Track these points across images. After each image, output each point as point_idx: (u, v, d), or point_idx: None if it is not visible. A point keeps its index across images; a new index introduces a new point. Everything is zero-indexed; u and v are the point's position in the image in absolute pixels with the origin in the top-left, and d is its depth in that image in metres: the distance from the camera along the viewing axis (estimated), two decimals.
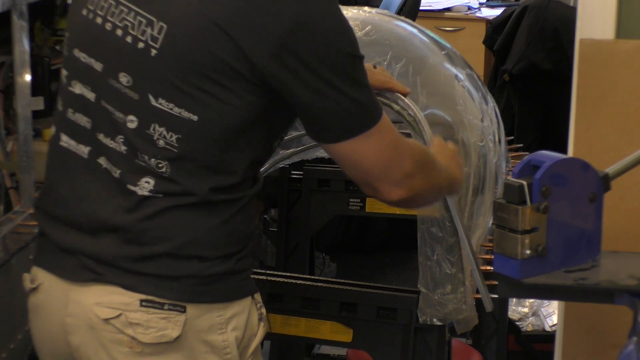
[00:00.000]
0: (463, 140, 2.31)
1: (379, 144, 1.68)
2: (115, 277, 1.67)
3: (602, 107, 1.98)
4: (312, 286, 2.39)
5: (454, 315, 2.25)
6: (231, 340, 1.70)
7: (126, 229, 1.67)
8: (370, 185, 1.73)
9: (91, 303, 1.68)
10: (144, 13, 1.65)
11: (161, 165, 1.65)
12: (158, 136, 1.64)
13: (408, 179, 1.72)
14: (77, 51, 1.73)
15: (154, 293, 1.66)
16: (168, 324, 1.66)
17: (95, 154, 1.70)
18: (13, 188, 2.51)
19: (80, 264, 1.70)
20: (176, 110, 1.63)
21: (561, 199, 1.55)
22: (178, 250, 1.66)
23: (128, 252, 1.66)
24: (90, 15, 1.71)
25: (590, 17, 2.00)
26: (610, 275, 1.59)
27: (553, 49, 4.68)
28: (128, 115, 1.66)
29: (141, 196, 1.65)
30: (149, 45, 1.64)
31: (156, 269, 1.66)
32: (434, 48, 2.52)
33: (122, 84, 1.66)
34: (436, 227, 2.26)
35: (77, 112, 1.72)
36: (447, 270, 2.24)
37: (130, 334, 1.66)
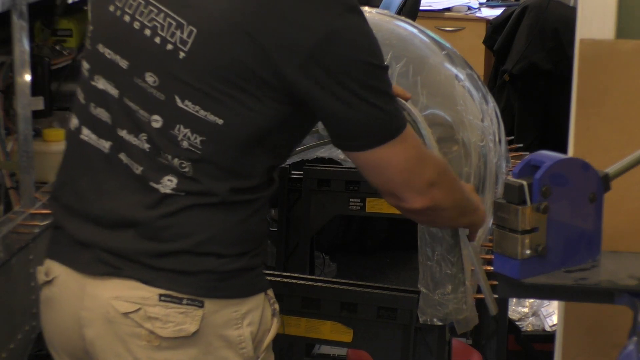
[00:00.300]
0: (463, 140, 2.31)
1: (404, 152, 1.71)
2: (134, 272, 1.68)
3: (602, 107, 1.98)
4: (312, 286, 2.39)
5: (455, 315, 2.25)
6: (246, 335, 1.73)
7: (145, 224, 1.68)
8: (393, 194, 1.76)
9: (109, 297, 1.69)
10: (174, 15, 1.67)
11: (184, 166, 1.67)
12: (182, 137, 1.66)
13: (431, 187, 1.75)
14: (102, 46, 1.74)
15: (173, 288, 1.68)
16: (186, 319, 1.67)
17: (116, 150, 1.71)
18: (13, 188, 2.51)
19: (97, 257, 1.71)
20: (202, 113, 1.65)
21: (561, 199, 1.55)
22: (196, 247, 1.68)
23: (147, 248, 1.68)
24: (118, 12, 1.72)
25: (590, 17, 2.00)
26: (610, 275, 1.59)
27: (553, 49, 4.68)
28: (153, 115, 1.67)
29: (163, 194, 1.67)
30: (177, 48, 1.65)
31: (175, 265, 1.68)
32: (434, 48, 2.52)
33: (148, 83, 1.68)
34: None
35: (98, 107, 1.74)
36: (448, 270, 2.24)
37: (148, 328, 1.67)
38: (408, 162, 1.72)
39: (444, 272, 2.24)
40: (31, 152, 2.42)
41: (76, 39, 2.83)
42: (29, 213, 2.42)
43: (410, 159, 1.72)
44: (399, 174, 1.73)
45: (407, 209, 1.78)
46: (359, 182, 3.08)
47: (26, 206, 2.43)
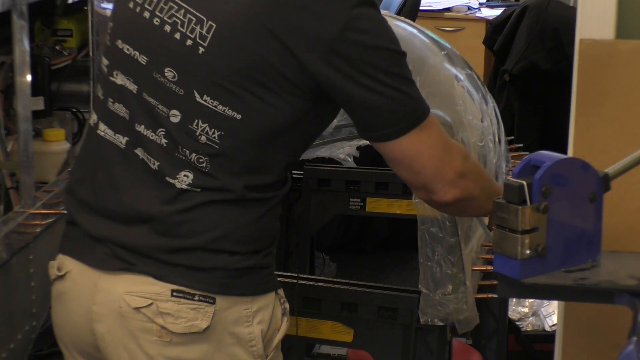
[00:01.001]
0: (463, 141, 2.31)
1: (431, 139, 1.72)
2: (147, 267, 1.69)
3: (602, 107, 1.98)
4: (312, 286, 2.39)
5: (455, 315, 2.25)
6: (257, 333, 1.73)
7: (161, 220, 1.69)
8: (424, 187, 1.75)
9: (121, 292, 1.70)
10: (194, 11, 1.68)
11: (202, 161, 1.67)
12: (200, 132, 1.67)
13: (461, 178, 1.75)
14: (121, 42, 1.75)
15: (185, 284, 1.68)
16: (198, 315, 1.68)
17: (132, 145, 1.72)
18: (13, 188, 2.51)
19: (111, 252, 1.72)
20: (220, 107, 1.66)
21: (561, 199, 1.55)
22: (210, 244, 1.69)
23: (161, 243, 1.69)
24: (138, 8, 1.74)
25: (590, 17, 2.00)
26: (610, 275, 1.58)
27: (553, 49, 4.68)
28: (172, 110, 1.68)
29: (179, 189, 1.68)
30: (197, 43, 1.67)
31: (188, 261, 1.69)
32: (434, 48, 2.52)
33: (168, 78, 1.69)
34: (436, 227, 2.26)
35: (117, 102, 1.74)
36: (448, 270, 2.25)
37: (160, 323, 1.68)
38: (436, 148, 1.72)
39: (444, 272, 2.24)
40: (31, 152, 2.42)
41: (76, 39, 2.83)
42: (29, 213, 2.42)
43: (438, 146, 1.72)
44: (429, 163, 1.72)
45: (439, 202, 1.77)
46: (359, 182, 3.08)
47: (26, 206, 2.43)
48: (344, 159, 3.21)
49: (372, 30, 1.66)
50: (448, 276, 2.24)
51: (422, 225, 2.28)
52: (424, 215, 2.27)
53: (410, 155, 1.72)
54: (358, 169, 3.22)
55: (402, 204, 3.06)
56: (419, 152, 1.71)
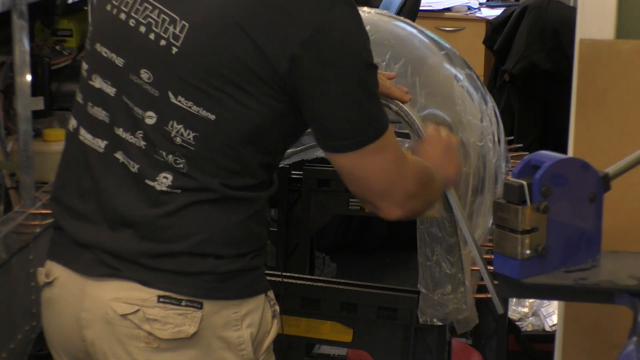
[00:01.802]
0: (462, 140, 2.31)
1: (384, 161, 1.70)
2: (133, 273, 1.68)
3: (602, 107, 1.98)
4: (312, 286, 2.39)
5: (454, 315, 2.25)
6: (246, 337, 1.72)
7: (144, 224, 1.68)
8: (370, 202, 1.76)
9: (108, 298, 1.69)
10: (167, 11, 1.67)
11: (179, 162, 1.66)
12: (175, 133, 1.66)
13: (409, 200, 1.75)
14: (99, 46, 1.75)
15: (172, 289, 1.67)
16: (185, 320, 1.67)
17: (111, 148, 1.71)
18: (13, 188, 2.51)
19: (97, 258, 1.71)
20: (194, 108, 1.65)
21: (561, 199, 1.55)
22: (196, 248, 1.68)
23: (146, 248, 1.68)
24: (114, 10, 1.73)
25: (590, 17, 2.00)
26: (610, 275, 1.58)
27: (553, 49, 4.68)
28: (147, 111, 1.67)
29: (159, 191, 1.67)
30: (170, 43, 1.66)
31: (174, 266, 1.68)
32: (434, 48, 2.52)
33: (143, 80, 1.68)
34: (436, 227, 2.26)
35: (96, 106, 1.74)
36: (447, 270, 2.24)
37: (147, 329, 1.67)
38: (388, 172, 1.71)
39: (443, 272, 2.24)
40: (31, 152, 2.42)
41: (76, 39, 2.83)
42: (29, 213, 2.42)
43: (390, 170, 1.71)
44: (377, 184, 1.72)
45: (384, 217, 1.78)
46: None
47: (26, 206, 2.43)
48: None
49: (345, 37, 1.63)
50: (447, 276, 2.24)
51: (421, 225, 2.27)
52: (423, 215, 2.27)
53: (359, 172, 1.71)
54: None
55: None
56: (368, 172, 1.70)
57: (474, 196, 2.33)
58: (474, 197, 2.34)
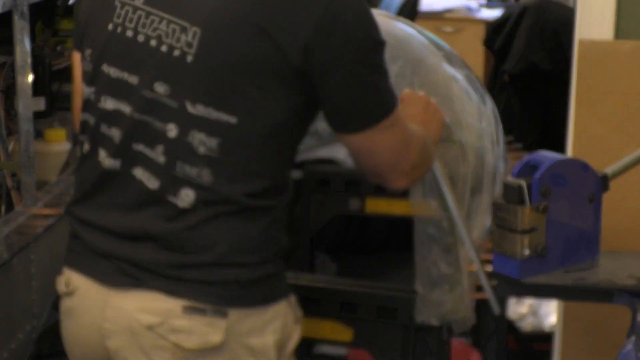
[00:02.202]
0: (460, 141, 2.31)
1: (394, 135, 1.72)
2: (156, 283, 1.66)
3: (601, 107, 1.98)
4: (312, 286, 2.39)
5: (452, 315, 2.25)
6: (271, 344, 1.70)
7: (166, 237, 1.66)
8: (379, 175, 1.77)
9: (132, 309, 1.67)
10: (176, 20, 1.65)
11: (202, 174, 1.64)
12: (198, 143, 1.63)
13: (414, 169, 1.77)
14: (107, 66, 1.71)
15: (196, 299, 1.65)
16: (210, 330, 1.65)
17: (128, 166, 1.69)
18: (14, 188, 2.52)
19: (119, 269, 1.69)
20: (215, 114, 1.63)
21: (560, 199, 1.56)
22: (220, 259, 1.66)
23: (169, 259, 1.66)
24: (119, 28, 1.70)
25: (589, 17, 2.00)
26: (609, 275, 1.59)
27: (553, 50, 4.68)
28: (167, 124, 1.65)
29: (182, 208, 1.65)
30: (184, 52, 1.64)
31: (198, 276, 1.65)
32: (432, 49, 2.52)
33: (159, 93, 1.65)
34: (433, 227, 2.26)
35: (112, 127, 1.70)
36: (444, 270, 2.24)
37: (173, 340, 1.65)
38: (397, 146, 1.73)
39: (441, 272, 2.24)
40: (32, 152, 2.42)
41: None
42: (30, 213, 2.43)
43: (399, 144, 1.73)
44: (388, 158, 1.74)
45: (390, 187, 1.81)
46: (359, 182, 3.08)
47: (27, 206, 2.43)
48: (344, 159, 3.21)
49: (354, 19, 1.64)
50: (445, 276, 2.24)
51: (418, 225, 2.28)
52: (420, 215, 2.27)
53: (372, 149, 1.72)
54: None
55: (401, 204, 3.05)
56: (381, 148, 1.72)
57: (471, 197, 2.33)
58: (472, 197, 2.34)
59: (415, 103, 1.96)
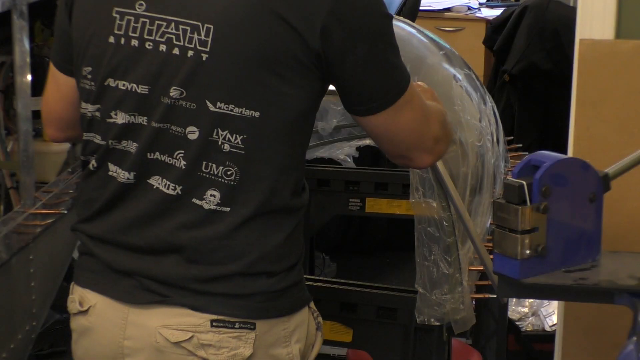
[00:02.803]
0: (461, 140, 2.31)
1: (413, 110, 1.71)
2: (183, 299, 1.63)
3: (602, 107, 1.98)
4: (312, 286, 2.39)
5: (452, 315, 2.25)
6: (295, 353, 1.69)
7: (192, 247, 1.62)
8: (404, 156, 1.76)
9: (157, 325, 1.63)
10: (185, 20, 1.61)
11: (230, 172, 1.61)
12: (222, 140, 1.60)
13: (437, 144, 1.75)
14: (113, 81, 1.67)
15: (225, 312, 1.62)
16: (240, 343, 1.63)
17: (143, 176, 1.65)
18: (13, 188, 2.51)
19: (140, 285, 1.65)
20: (237, 110, 1.60)
21: (561, 199, 1.55)
22: (249, 268, 1.63)
23: (195, 273, 1.63)
24: (122, 40, 1.66)
25: (590, 17, 2.00)
26: (610, 275, 1.58)
27: (553, 49, 4.68)
28: (187, 127, 1.61)
29: (208, 210, 1.62)
30: (199, 51, 1.60)
31: (226, 289, 1.63)
32: (433, 48, 2.52)
33: (175, 97, 1.61)
34: (433, 227, 2.26)
35: (124, 141, 1.67)
36: (445, 270, 2.24)
37: (202, 355, 1.62)
38: (418, 120, 1.71)
39: (441, 272, 2.24)
40: (31, 152, 2.42)
41: None
42: (29, 213, 2.42)
43: (419, 118, 1.72)
44: (411, 134, 1.72)
45: (416, 167, 1.82)
46: (358, 182, 3.08)
47: (26, 206, 2.43)
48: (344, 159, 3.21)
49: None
50: (445, 276, 2.24)
51: (419, 225, 2.28)
52: (421, 215, 2.27)
53: (394, 127, 1.70)
54: (357, 169, 3.22)
55: (401, 204, 3.06)
56: (402, 122, 1.70)
57: (472, 196, 2.33)
58: (472, 197, 2.34)
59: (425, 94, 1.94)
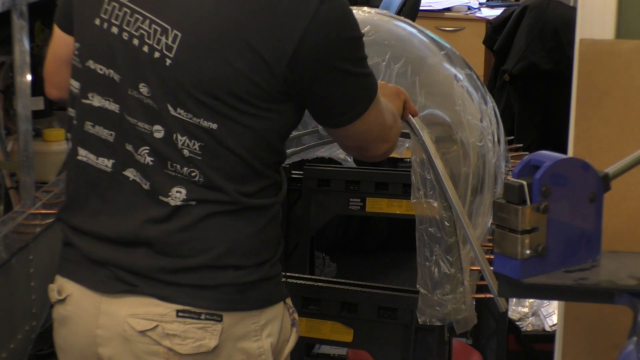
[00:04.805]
0: (462, 140, 2.31)
1: (378, 113, 1.75)
2: (150, 288, 1.65)
3: (602, 107, 1.98)
4: (312, 286, 2.39)
5: (453, 315, 2.25)
6: (266, 347, 1.70)
7: (160, 240, 1.65)
8: (361, 147, 1.80)
9: (125, 315, 1.66)
10: (158, 21, 1.62)
11: (194, 174, 1.63)
12: (182, 145, 1.62)
13: (389, 131, 1.80)
14: (93, 63, 1.70)
15: (191, 303, 1.64)
16: (205, 334, 1.64)
17: (121, 166, 1.67)
18: (13, 188, 2.51)
19: (113, 275, 1.68)
20: (195, 119, 1.61)
21: (561, 199, 1.55)
22: (216, 261, 1.65)
23: (163, 264, 1.65)
24: (105, 24, 1.68)
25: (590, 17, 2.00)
26: (610, 275, 1.58)
27: (553, 49, 4.68)
28: (154, 125, 1.63)
29: (174, 206, 1.64)
30: (164, 55, 1.61)
31: (193, 280, 1.65)
32: (433, 48, 2.52)
33: (143, 94, 1.64)
34: (434, 227, 2.26)
35: (97, 125, 1.69)
36: (446, 270, 2.24)
37: (167, 345, 1.64)
38: (378, 120, 1.75)
39: (442, 272, 2.24)
40: (31, 152, 2.42)
41: None
42: (29, 213, 2.42)
43: (380, 116, 1.75)
44: (373, 133, 1.76)
45: (371, 156, 1.83)
46: (358, 182, 3.08)
47: (26, 206, 2.43)
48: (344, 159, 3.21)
49: (337, 24, 1.63)
50: (446, 276, 2.24)
51: (420, 225, 2.27)
52: (422, 215, 2.27)
53: (361, 134, 1.74)
54: (358, 169, 3.22)
55: (401, 204, 3.06)
56: (368, 128, 1.74)
57: (473, 196, 2.33)
58: (474, 197, 2.34)
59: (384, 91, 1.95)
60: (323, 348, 3.40)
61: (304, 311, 2.37)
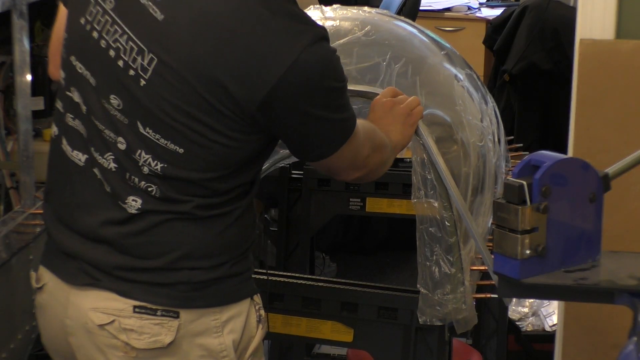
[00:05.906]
0: (462, 140, 2.31)
1: (354, 146, 1.75)
2: (111, 283, 1.68)
3: (602, 107, 1.98)
4: (313, 286, 2.39)
5: (454, 315, 2.24)
6: (228, 344, 1.71)
7: (117, 241, 1.68)
8: (332, 174, 1.83)
9: (87, 307, 1.70)
10: (136, 40, 1.63)
11: (151, 189, 1.65)
12: (143, 163, 1.64)
13: (365, 160, 1.80)
14: (74, 59, 1.72)
15: (147, 299, 1.67)
16: (161, 330, 1.67)
17: (91, 164, 1.70)
18: (13, 188, 2.51)
19: (81, 268, 1.72)
20: (162, 141, 1.63)
21: (561, 199, 1.55)
22: (170, 264, 1.67)
23: (122, 262, 1.68)
24: (88, 26, 1.69)
25: (590, 17, 2.00)
26: (610, 275, 1.58)
27: (553, 49, 4.68)
28: (118, 137, 1.66)
29: (130, 213, 1.67)
30: (139, 75, 1.62)
31: (149, 278, 1.68)
32: (434, 48, 2.52)
33: (113, 105, 1.65)
34: (435, 227, 2.26)
35: (76, 119, 1.72)
36: (447, 270, 2.24)
37: (123, 339, 1.67)
38: (354, 151, 1.76)
39: (443, 272, 2.24)
40: (31, 152, 2.42)
41: None
42: (29, 213, 2.42)
43: (356, 148, 1.76)
44: (344, 164, 1.77)
45: (343, 180, 1.86)
46: None
47: (26, 206, 2.43)
48: None
49: (317, 73, 1.61)
50: (447, 276, 2.24)
51: (420, 225, 2.27)
52: (422, 215, 2.27)
53: (336, 164, 1.76)
54: None
55: (402, 204, 3.06)
56: (343, 158, 1.75)
57: (473, 196, 2.33)
58: (474, 196, 2.34)
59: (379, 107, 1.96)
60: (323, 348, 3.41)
61: (304, 311, 2.37)
